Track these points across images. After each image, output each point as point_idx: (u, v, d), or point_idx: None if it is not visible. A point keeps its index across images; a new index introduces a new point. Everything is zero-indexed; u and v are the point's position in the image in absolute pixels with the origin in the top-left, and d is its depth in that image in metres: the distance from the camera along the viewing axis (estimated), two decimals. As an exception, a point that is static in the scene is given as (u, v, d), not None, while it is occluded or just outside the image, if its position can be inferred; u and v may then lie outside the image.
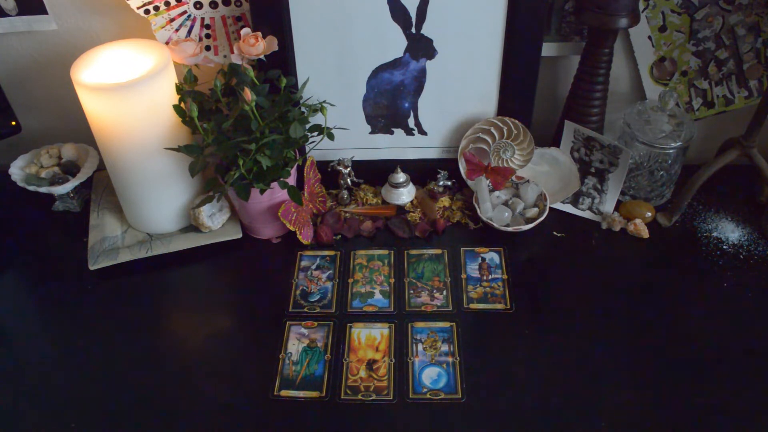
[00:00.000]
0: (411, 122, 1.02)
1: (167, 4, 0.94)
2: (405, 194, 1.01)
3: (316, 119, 0.93)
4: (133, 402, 0.77)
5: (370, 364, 0.80)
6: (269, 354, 0.81)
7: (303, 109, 0.93)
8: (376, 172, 1.03)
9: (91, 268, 0.92)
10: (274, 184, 0.88)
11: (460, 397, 0.76)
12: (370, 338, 0.83)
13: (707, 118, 1.06)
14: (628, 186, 1.00)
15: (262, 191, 0.87)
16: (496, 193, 0.99)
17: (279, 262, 0.95)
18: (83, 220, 1.01)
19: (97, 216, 1.00)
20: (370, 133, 1.03)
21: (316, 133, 0.92)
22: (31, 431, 0.75)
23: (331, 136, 0.92)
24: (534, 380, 0.77)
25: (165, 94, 0.87)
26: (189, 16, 0.96)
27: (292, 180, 0.93)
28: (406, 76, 0.98)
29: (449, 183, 1.02)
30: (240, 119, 0.86)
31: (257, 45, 0.87)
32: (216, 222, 0.97)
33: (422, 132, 1.03)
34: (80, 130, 1.01)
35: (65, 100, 1.06)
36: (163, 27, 0.96)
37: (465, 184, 1.03)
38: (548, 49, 1.00)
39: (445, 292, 0.89)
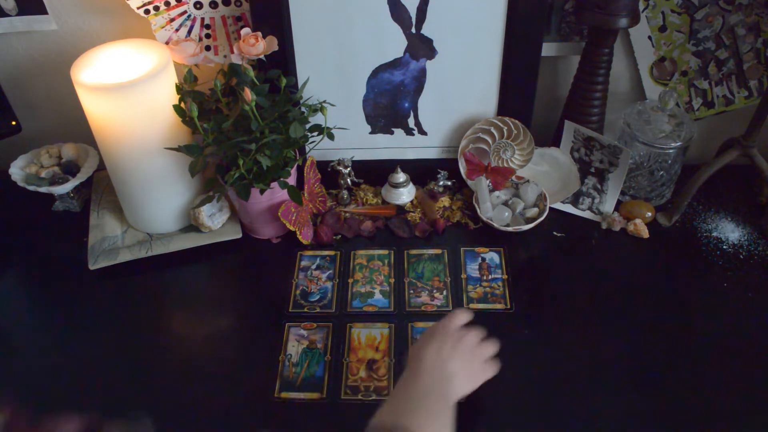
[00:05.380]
0: (411, 122, 1.02)
1: (167, 4, 0.94)
2: (405, 194, 1.01)
3: (316, 119, 0.93)
4: (132, 402, 0.77)
5: (370, 364, 0.80)
6: (269, 355, 0.81)
7: (303, 109, 0.93)
8: (376, 172, 1.03)
9: (91, 268, 0.92)
10: (274, 184, 0.88)
11: (460, 397, 0.76)
12: (370, 338, 0.83)
13: (707, 118, 1.06)
14: (628, 186, 1.00)
15: (262, 191, 0.87)
16: (496, 193, 0.99)
17: (279, 262, 0.95)
18: (83, 220, 1.01)
19: (97, 216, 1.00)
20: (370, 133, 1.03)
21: (316, 133, 0.92)
22: (31, 431, 0.75)
23: (331, 136, 0.92)
24: (534, 380, 0.77)
25: (165, 94, 0.87)
26: (189, 16, 0.96)
27: (292, 180, 0.93)
28: (406, 76, 0.98)
29: (449, 183, 1.02)
30: (240, 119, 0.86)
31: (257, 45, 0.87)
32: (216, 222, 0.97)
33: (422, 132, 1.03)
34: (80, 130, 1.01)
35: (65, 100, 1.06)
36: (163, 27, 0.96)
37: (465, 184, 1.03)
38: (548, 49, 1.00)
39: (445, 292, 0.89)
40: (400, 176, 1.00)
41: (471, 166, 0.99)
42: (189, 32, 0.98)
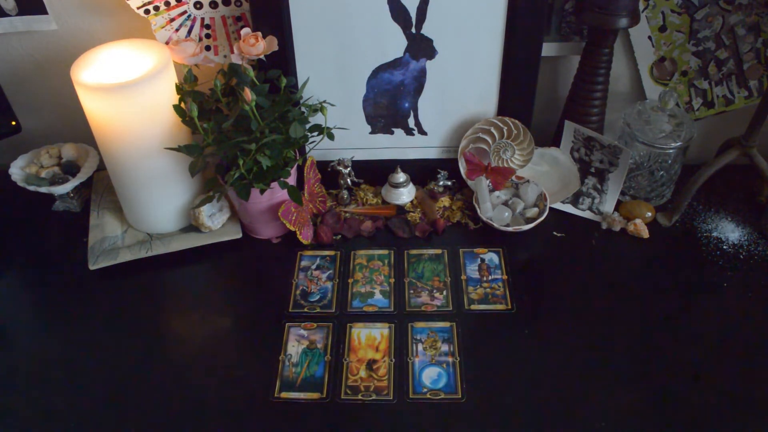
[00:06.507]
0: (411, 122, 1.02)
1: (167, 4, 0.94)
2: (405, 194, 1.01)
3: (316, 119, 0.93)
4: (132, 403, 0.77)
5: (370, 364, 0.80)
6: (269, 355, 0.81)
7: (303, 109, 0.93)
8: (376, 172, 1.03)
9: (91, 268, 0.92)
10: (274, 184, 0.88)
11: (460, 397, 0.76)
12: (370, 338, 0.83)
13: (707, 118, 1.06)
14: (628, 186, 1.00)
15: (262, 191, 0.87)
16: (496, 193, 0.99)
17: (279, 262, 0.95)
18: (83, 220, 1.01)
19: (97, 216, 1.00)
20: (370, 133, 1.03)
21: (316, 133, 0.92)
22: (30, 431, 0.75)
23: (331, 136, 0.92)
24: (534, 380, 0.77)
25: (165, 94, 0.87)
26: (189, 16, 0.96)
27: (292, 180, 0.93)
28: (406, 76, 0.98)
29: (449, 183, 1.02)
30: (240, 119, 0.86)
31: (257, 45, 0.87)
32: (216, 222, 0.97)
33: (422, 132, 1.03)
34: (80, 130, 1.01)
35: (65, 100, 1.06)
36: (163, 27, 0.96)
37: (465, 184, 1.03)
38: (548, 49, 1.00)
39: (445, 292, 0.89)
40: (400, 176, 1.00)
41: (471, 166, 0.99)
42: (189, 32, 0.98)
